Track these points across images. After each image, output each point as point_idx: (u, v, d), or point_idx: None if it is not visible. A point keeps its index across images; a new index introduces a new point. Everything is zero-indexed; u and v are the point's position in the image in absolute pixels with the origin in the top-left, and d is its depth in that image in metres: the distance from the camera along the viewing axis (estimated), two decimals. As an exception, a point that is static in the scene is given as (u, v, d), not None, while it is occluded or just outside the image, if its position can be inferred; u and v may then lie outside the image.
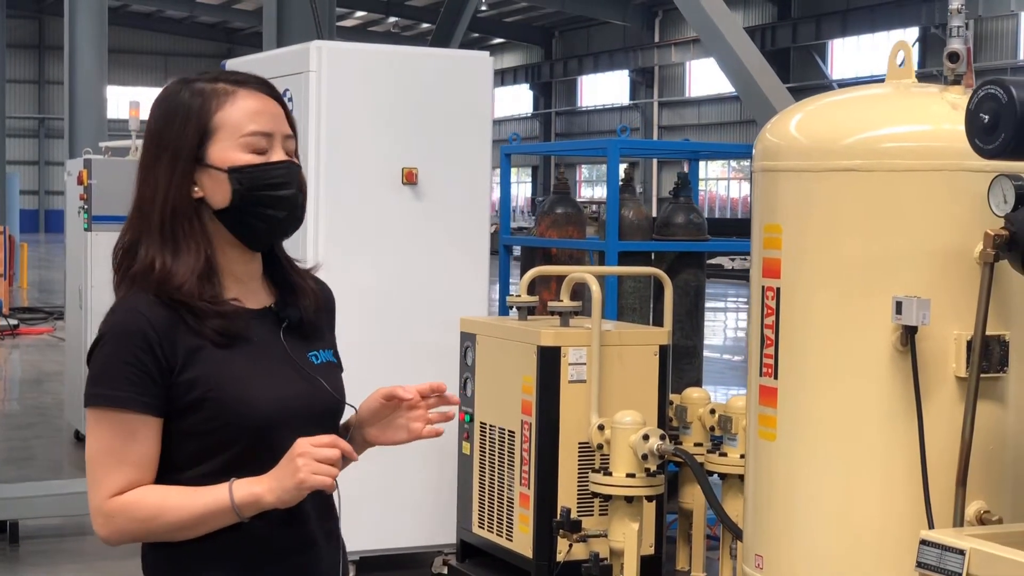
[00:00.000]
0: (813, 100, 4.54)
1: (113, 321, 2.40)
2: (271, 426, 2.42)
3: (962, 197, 4.04)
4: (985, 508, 4.07)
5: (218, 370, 2.40)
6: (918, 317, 3.94)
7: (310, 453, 2.30)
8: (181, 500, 2.36)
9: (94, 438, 2.38)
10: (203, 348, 2.39)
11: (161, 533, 2.38)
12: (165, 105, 2.46)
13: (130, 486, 2.35)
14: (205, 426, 2.39)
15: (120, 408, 2.34)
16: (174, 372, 2.37)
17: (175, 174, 2.41)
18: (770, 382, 4.31)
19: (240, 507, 2.35)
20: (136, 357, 2.35)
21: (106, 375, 2.37)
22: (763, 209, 4.40)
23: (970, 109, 3.36)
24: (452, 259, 6.72)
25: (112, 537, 2.39)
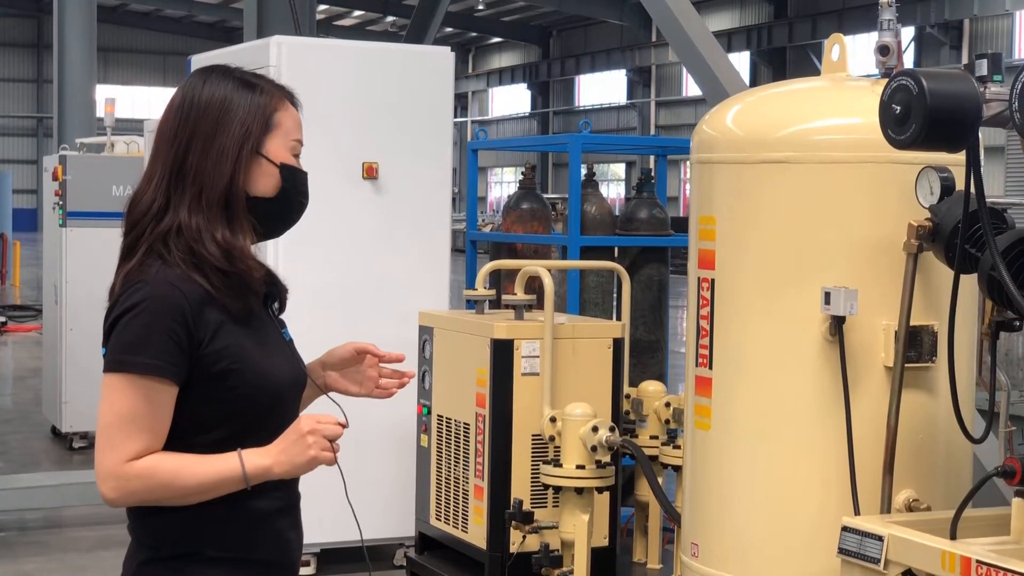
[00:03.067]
0: (752, 92, 4.59)
1: (149, 292, 2.48)
2: (280, 397, 2.61)
3: (891, 189, 4.08)
4: (914, 496, 4.12)
5: (240, 343, 2.54)
6: (846, 307, 3.98)
7: (319, 430, 2.48)
8: (194, 467, 2.48)
9: (116, 402, 2.46)
10: (225, 322, 2.53)
11: (170, 498, 2.49)
12: (220, 90, 2.59)
13: (147, 451, 2.46)
14: (226, 395, 2.52)
15: (150, 375, 2.45)
16: (202, 344, 2.49)
17: (241, 156, 2.57)
18: (705, 372, 4.36)
19: (250, 477, 2.48)
20: (171, 328, 2.46)
21: (140, 343, 2.46)
22: (699, 201, 4.44)
23: (883, 101, 3.40)
24: (412, 253, 6.75)
25: (121, 499, 2.48)
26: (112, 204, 9.82)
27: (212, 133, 2.58)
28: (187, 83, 2.66)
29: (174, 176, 2.58)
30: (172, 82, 57.09)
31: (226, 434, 2.54)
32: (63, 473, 8.45)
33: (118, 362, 2.48)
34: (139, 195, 2.61)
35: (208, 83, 2.62)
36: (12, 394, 13.19)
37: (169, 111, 2.63)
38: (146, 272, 2.53)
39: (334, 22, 49.38)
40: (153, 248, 2.55)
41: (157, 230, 2.56)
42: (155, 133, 2.66)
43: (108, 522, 7.80)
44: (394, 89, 6.73)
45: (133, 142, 10.26)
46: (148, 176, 2.62)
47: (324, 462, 2.51)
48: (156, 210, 2.57)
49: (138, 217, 2.59)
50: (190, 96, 2.62)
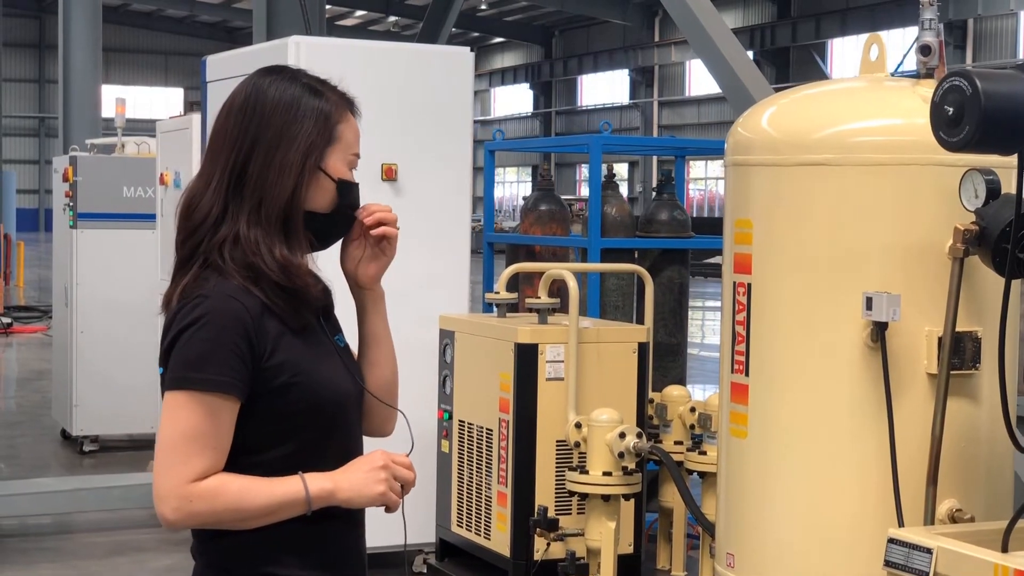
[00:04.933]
0: (786, 94, 4.49)
1: (210, 307, 2.41)
2: (342, 408, 2.55)
3: (933, 192, 3.99)
4: (957, 507, 4.02)
5: (299, 355, 2.47)
6: (888, 313, 3.89)
7: (393, 469, 2.46)
8: (259, 490, 2.40)
9: (179, 420, 2.38)
10: (284, 334, 2.46)
11: (232, 521, 2.41)
12: (282, 96, 2.51)
13: (210, 471, 2.38)
14: (288, 409, 2.45)
15: (214, 392, 2.37)
16: (263, 357, 2.42)
17: (304, 171, 2.49)
18: (741, 379, 4.26)
19: (313, 500, 2.42)
20: (234, 343, 2.39)
21: (203, 359, 2.38)
22: (734, 204, 4.35)
23: (935, 102, 3.31)
24: (431, 255, 6.67)
25: (181, 521, 2.39)
26: (123, 206, 9.76)
27: (276, 142, 2.49)
28: (250, 82, 2.56)
29: (233, 183, 2.50)
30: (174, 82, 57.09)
31: (290, 450, 2.47)
32: (76, 478, 8.37)
33: (181, 379, 2.40)
34: (196, 199, 2.52)
35: (273, 86, 2.53)
36: (19, 396, 13.11)
37: (230, 110, 2.53)
38: (203, 285, 2.45)
39: (336, 22, 49.31)
40: (209, 260, 2.48)
41: (214, 240, 2.48)
42: (213, 131, 2.55)
43: (122, 527, 7.74)
44: (413, 89, 6.65)
45: (144, 143, 10.18)
46: (205, 179, 2.52)
47: (390, 504, 2.47)
48: (214, 219, 2.49)
49: (195, 224, 2.50)
50: (254, 98, 2.52)
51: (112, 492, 7.73)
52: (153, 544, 7.48)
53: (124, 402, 9.72)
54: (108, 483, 7.88)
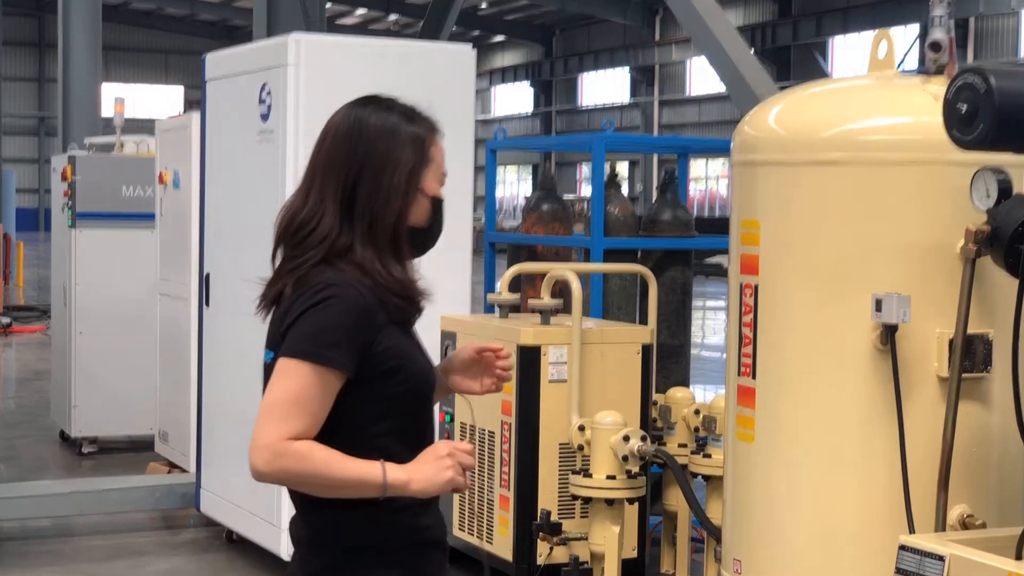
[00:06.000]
0: (793, 91, 4.42)
1: (335, 292, 2.66)
2: (431, 393, 2.83)
3: (944, 191, 3.92)
4: (968, 512, 3.96)
5: (402, 342, 2.73)
6: (898, 315, 3.82)
7: (457, 456, 2.66)
8: (342, 462, 2.61)
9: (288, 384, 2.62)
10: (390, 325, 2.71)
11: (311, 485, 2.64)
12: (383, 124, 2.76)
13: (305, 435, 2.60)
14: (393, 390, 2.70)
15: (327, 366, 2.61)
16: (374, 343, 2.67)
17: (409, 194, 2.75)
18: (748, 382, 4.20)
19: (389, 486, 2.62)
20: (353, 325, 2.64)
21: (324, 334, 2.63)
22: (741, 204, 4.28)
23: (947, 99, 3.24)
24: (433, 255, 6.56)
25: (269, 474, 2.60)
26: (122, 205, 9.68)
27: (381, 167, 2.74)
28: (351, 112, 2.80)
29: (344, 206, 2.74)
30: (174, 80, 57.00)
31: (387, 428, 2.70)
32: (75, 480, 8.29)
33: (302, 350, 2.62)
34: (308, 219, 2.75)
35: (373, 115, 2.78)
36: (18, 397, 13.03)
37: (336, 137, 2.78)
38: (322, 275, 2.69)
39: (336, 20, 49.23)
40: (325, 260, 2.71)
41: (331, 251, 2.72)
42: (317, 155, 2.79)
43: (121, 531, 7.67)
44: (415, 87, 6.48)
45: (143, 142, 10.10)
46: (315, 200, 2.76)
47: (458, 486, 2.67)
48: (332, 239, 2.72)
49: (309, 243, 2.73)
50: (358, 126, 2.77)
51: (111, 495, 7.66)
52: (153, 547, 7.40)
53: (123, 403, 9.64)
54: (107, 485, 7.80)
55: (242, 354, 6.85)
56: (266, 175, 6.51)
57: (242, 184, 6.85)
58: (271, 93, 6.48)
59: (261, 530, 6.60)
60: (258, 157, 6.61)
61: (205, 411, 7.27)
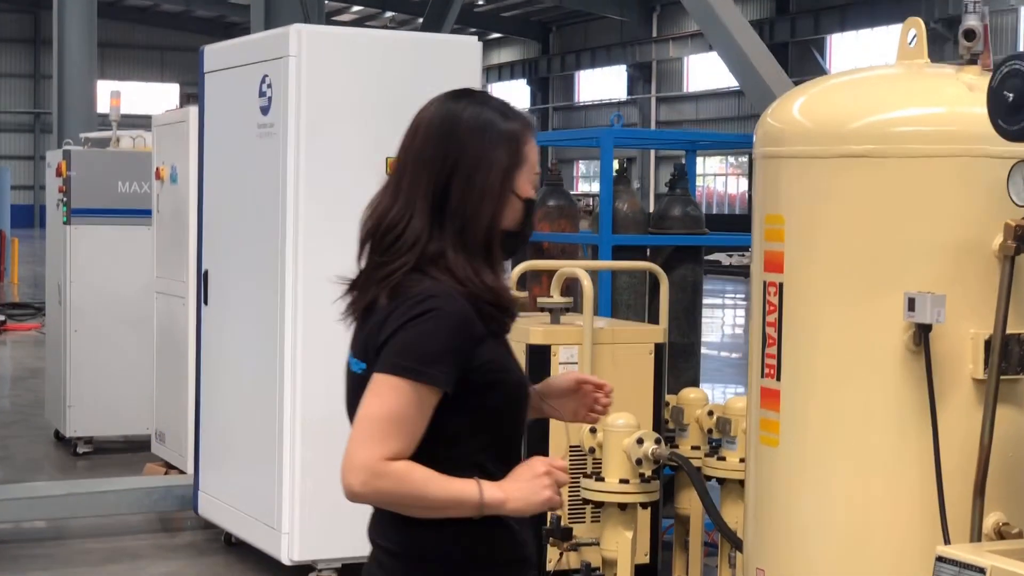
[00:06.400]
0: (819, 82, 4.26)
1: (438, 304, 2.54)
2: (525, 409, 2.72)
3: (980, 185, 3.76)
4: (1004, 520, 3.80)
5: (501, 355, 2.64)
6: (932, 314, 3.66)
7: (555, 475, 2.58)
8: (440, 483, 2.52)
9: (387, 401, 2.51)
10: (488, 336, 2.59)
11: (408, 506, 2.54)
12: (476, 120, 2.63)
13: (402, 454, 2.51)
14: (492, 403, 2.60)
15: (426, 383, 2.51)
16: (473, 357, 2.55)
17: (503, 196, 2.64)
18: (772, 384, 4.03)
19: (485, 506, 2.53)
20: (454, 340, 2.53)
21: (424, 349, 2.52)
22: (765, 199, 4.11)
23: (992, 87, 3.08)
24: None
25: (365, 495, 2.52)
26: (118, 201, 9.51)
27: (475, 167, 2.61)
28: (443, 106, 2.66)
29: (434, 208, 2.61)
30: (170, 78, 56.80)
31: (482, 443, 2.60)
32: (70, 482, 8.11)
33: (401, 367, 2.52)
34: (396, 220, 2.62)
35: (467, 110, 2.64)
36: (12, 395, 12.85)
37: (427, 133, 2.64)
38: (420, 285, 2.57)
39: (332, 17, 49.05)
40: (418, 267, 2.60)
41: (423, 257, 2.60)
42: (407, 151, 2.65)
43: (117, 533, 7.51)
44: (418, 80, 6.37)
45: (140, 137, 9.92)
46: (404, 200, 2.63)
47: (554, 505, 2.60)
48: (423, 241, 2.60)
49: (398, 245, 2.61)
50: (451, 121, 2.62)
51: (106, 496, 7.49)
52: (149, 551, 7.24)
53: (119, 403, 9.47)
54: (102, 487, 7.63)
55: (241, 353, 6.68)
56: (266, 170, 6.34)
57: (241, 180, 6.68)
58: (272, 86, 6.30)
59: (261, 533, 6.43)
60: (258, 152, 6.44)
61: (203, 411, 7.11)
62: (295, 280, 6.20)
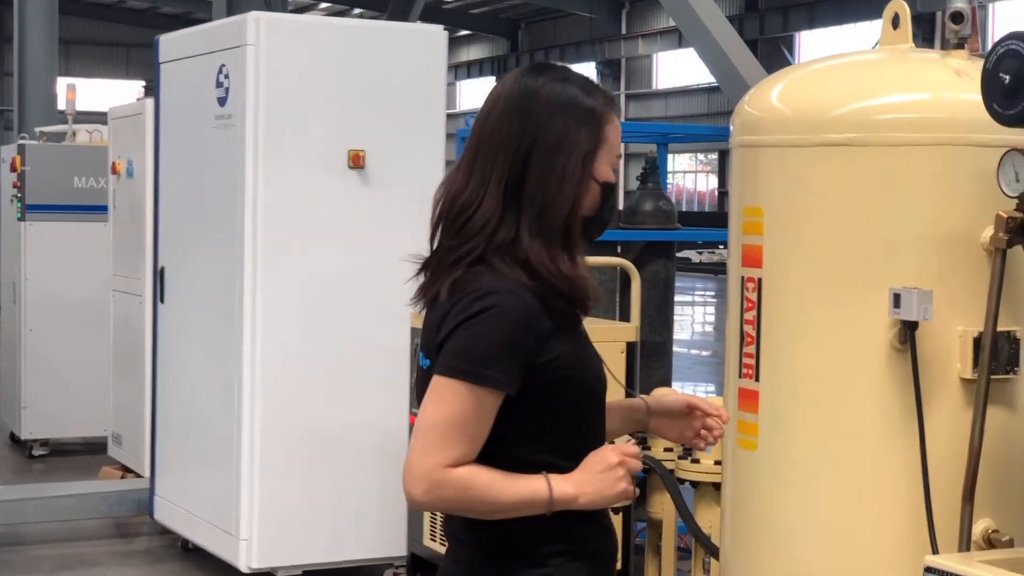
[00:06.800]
0: (799, 68, 4.08)
1: (495, 301, 2.44)
2: (602, 402, 2.60)
3: (968, 175, 3.59)
4: (993, 527, 3.63)
5: (571, 350, 2.51)
6: (919, 311, 3.48)
7: (629, 464, 2.48)
8: (505, 485, 2.44)
9: (446, 405, 2.43)
10: (558, 330, 2.48)
11: (475, 511, 2.48)
12: (557, 97, 2.50)
13: (464, 460, 2.43)
14: (562, 401, 2.49)
15: (486, 386, 2.42)
16: (540, 354, 2.45)
17: (583, 179, 2.50)
18: (750, 384, 3.85)
19: (555, 502, 2.45)
20: (514, 339, 2.42)
21: (483, 350, 2.42)
22: (742, 190, 3.93)
23: (987, 69, 2.89)
24: (404, 250, 6.17)
25: (428, 503, 2.46)
26: (74, 197, 9.27)
27: (556, 148, 2.48)
28: (521, 81, 2.53)
29: (511, 188, 2.49)
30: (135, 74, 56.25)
31: (557, 441, 2.50)
32: (23, 487, 7.89)
33: (458, 369, 2.43)
34: (469, 201, 2.50)
35: (547, 86, 2.50)
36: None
37: (504, 109, 2.51)
38: (481, 280, 2.46)
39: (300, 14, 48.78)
40: (485, 259, 2.48)
41: (491, 244, 2.48)
42: (482, 128, 2.52)
43: (73, 539, 7.30)
44: (383, 71, 6.20)
45: (96, 131, 9.67)
46: (478, 181, 2.50)
47: (630, 496, 2.50)
48: (494, 225, 2.48)
49: (469, 228, 2.49)
50: (528, 99, 2.49)
51: (61, 501, 7.28)
52: (105, 557, 7.05)
53: (76, 404, 9.25)
54: (57, 492, 7.41)
55: (198, 353, 6.47)
56: (224, 163, 6.13)
57: (199, 173, 6.47)
58: (229, 76, 6.09)
59: (218, 539, 6.23)
60: (216, 144, 6.23)
61: (159, 413, 6.90)
62: (254, 278, 6.00)
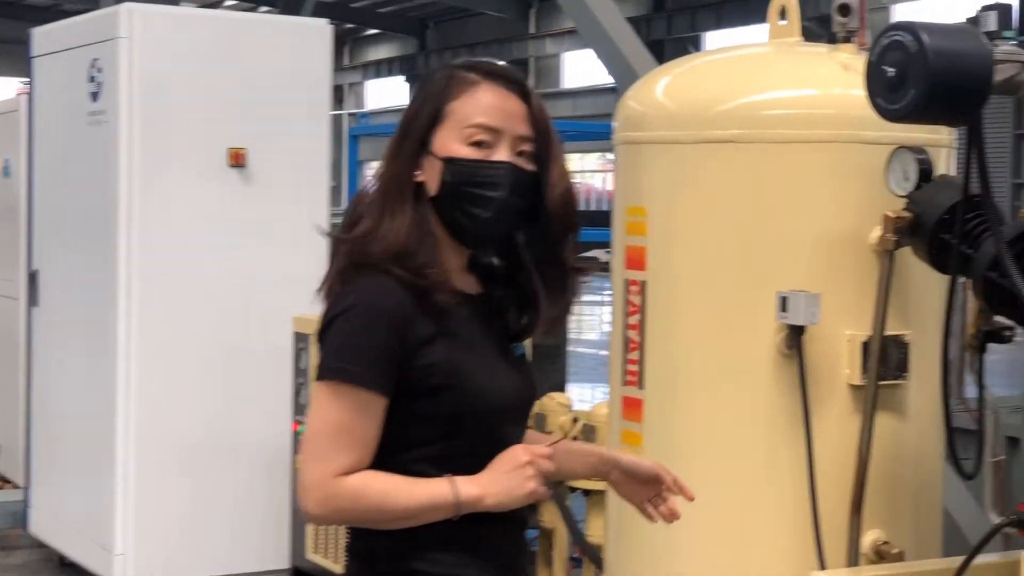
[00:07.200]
0: (685, 61, 3.93)
1: (361, 298, 2.37)
2: (498, 417, 2.47)
3: (857, 174, 3.48)
4: (883, 539, 3.52)
5: (453, 357, 2.41)
6: (806, 315, 3.36)
7: (538, 465, 2.39)
8: (404, 491, 2.37)
9: (326, 412, 2.36)
10: (442, 336, 2.40)
11: (375, 520, 2.39)
12: (419, 88, 2.49)
13: (356, 466, 2.35)
14: (438, 411, 2.41)
15: (361, 386, 2.34)
16: (414, 355, 2.37)
17: (401, 152, 2.44)
18: (635, 392, 3.70)
19: (462, 504, 2.37)
20: (383, 336, 2.35)
21: (351, 350, 2.35)
22: (626, 188, 3.78)
23: (871, 61, 2.75)
24: (286, 252, 6.00)
25: (325, 516, 2.39)
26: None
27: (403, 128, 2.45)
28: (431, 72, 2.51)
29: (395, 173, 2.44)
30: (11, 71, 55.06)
31: (438, 452, 2.40)
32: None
33: (328, 369, 2.35)
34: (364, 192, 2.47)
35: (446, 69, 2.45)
36: None
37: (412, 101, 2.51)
38: (352, 277, 2.39)
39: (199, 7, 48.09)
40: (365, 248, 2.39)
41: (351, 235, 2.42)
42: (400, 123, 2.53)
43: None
44: (264, 65, 5.98)
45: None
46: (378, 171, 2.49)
47: (540, 496, 2.41)
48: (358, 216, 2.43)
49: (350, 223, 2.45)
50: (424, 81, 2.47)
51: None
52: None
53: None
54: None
55: (73, 359, 6.20)
56: (97, 161, 5.88)
57: (72, 172, 6.20)
58: (102, 70, 5.83)
59: (93, 554, 5.97)
60: (89, 141, 5.97)
61: (34, 421, 6.61)
62: (129, 281, 5.75)
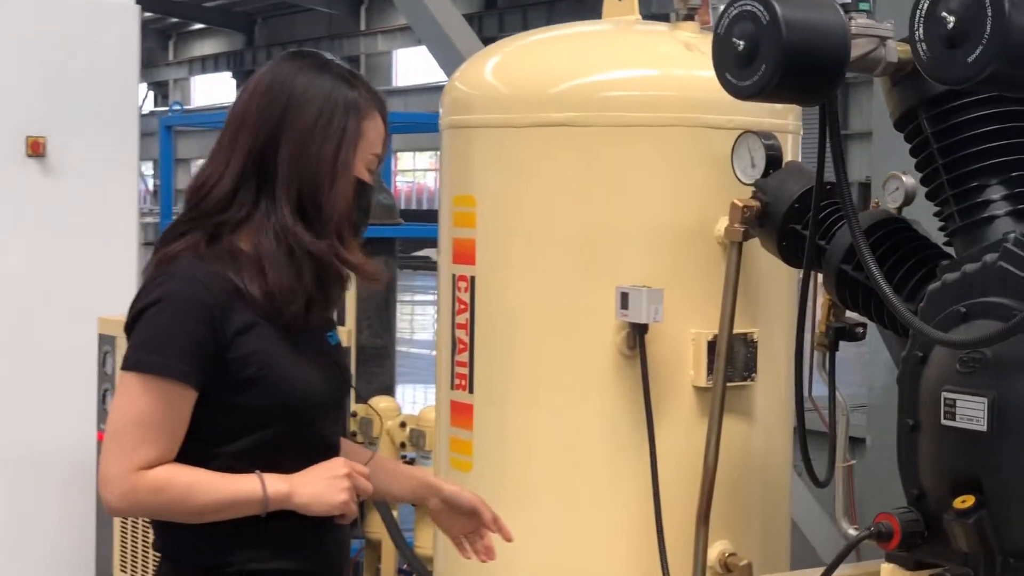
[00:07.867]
0: (515, 39, 3.69)
1: (172, 288, 2.34)
2: (314, 410, 2.45)
3: (701, 160, 3.28)
4: (731, 550, 3.33)
5: (272, 350, 2.39)
6: (649, 312, 3.13)
7: (355, 480, 2.39)
8: (210, 485, 2.35)
9: (130, 403, 2.33)
10: (257, 326, 2.37)
11: (180, 514, 2.37)
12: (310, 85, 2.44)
13: (160, 460, 2.33)
14: (252, 403, 2.38)
15: (168, 378, 2.31)
16: (227, 347, 2.35)
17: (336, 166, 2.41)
18: (464, 397, 3.45)
19: (270, 501, 2.35)
20: (193, 327, 2.33)
21: (159, 342, 2.33)
22: (452, 177, 3.51)
23: (719, 35, 2.50)
24: (90, 248, 5.59)
25: (126, 509, 2.37)
26: None
27: (308, 133, 2.41)
28: (277, 65, 2.49)
29: (251, 169, 2.40)
30: None
31: (250, 445, 2.37)
32: None
33: (136, 360, 2.32)
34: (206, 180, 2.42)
35: (304, 69, 2.45)
36: None
37: (254, 91, 2.46)
38: (175, 264, 2.36)
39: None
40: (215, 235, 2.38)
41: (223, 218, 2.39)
42: (232, 110, 2.48)
43: None
44: (66, 49, 5.56)
45: None
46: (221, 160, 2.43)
47: (349, 513, 2.40)
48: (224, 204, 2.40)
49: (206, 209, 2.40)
50: (279, 84, 2.43)
51: None
52: None
53: None
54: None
55: None
56: None
57: None
58: None
59: None
60: None
61: None
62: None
